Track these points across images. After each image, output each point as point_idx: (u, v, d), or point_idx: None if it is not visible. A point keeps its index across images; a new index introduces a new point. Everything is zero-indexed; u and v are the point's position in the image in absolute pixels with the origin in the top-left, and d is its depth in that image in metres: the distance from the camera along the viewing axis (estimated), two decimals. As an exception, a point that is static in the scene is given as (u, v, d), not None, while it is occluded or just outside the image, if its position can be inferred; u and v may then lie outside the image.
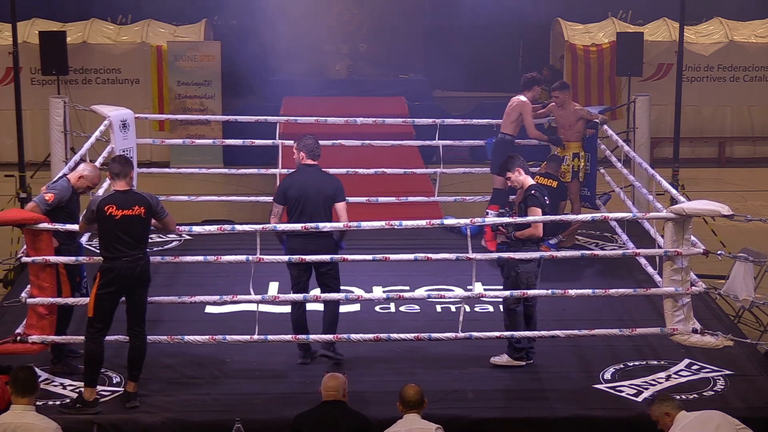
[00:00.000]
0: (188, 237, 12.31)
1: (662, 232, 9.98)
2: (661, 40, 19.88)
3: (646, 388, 8.84)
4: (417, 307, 10.70)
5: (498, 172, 9.76)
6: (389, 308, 10.69)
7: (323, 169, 9.66)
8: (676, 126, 14.14)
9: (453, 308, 10.48)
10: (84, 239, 11.07)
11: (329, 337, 9.30)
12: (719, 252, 9.63)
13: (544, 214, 9.31)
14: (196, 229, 9.51)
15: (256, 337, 9.21)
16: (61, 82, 18.56)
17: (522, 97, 12.28)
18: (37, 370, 8.85)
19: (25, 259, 8.96)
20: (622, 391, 8.81)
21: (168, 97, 19.24)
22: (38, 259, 8.84)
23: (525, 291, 9.21)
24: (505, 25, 20.29)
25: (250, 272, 9.29)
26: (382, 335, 9.27)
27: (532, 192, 9.37)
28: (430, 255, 9.84)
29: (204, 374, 9.17)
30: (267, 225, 9.43)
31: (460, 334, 9.30)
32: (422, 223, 10.18)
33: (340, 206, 9.50)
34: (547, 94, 14.48)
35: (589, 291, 9.58)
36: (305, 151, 9.59)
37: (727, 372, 9.12)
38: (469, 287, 9.75)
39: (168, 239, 12.50)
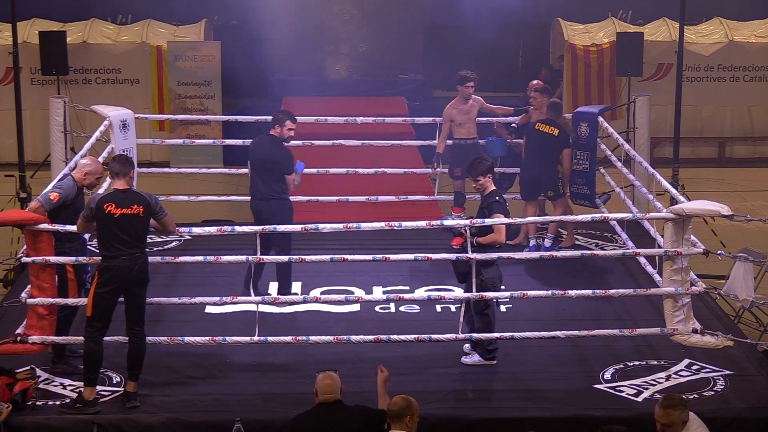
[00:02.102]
0: (188, 237, 12.30)
1: (662, 232, 9.99)
2: (661, 40, 19.89)
3: (646, 388, 8.83)
4: (417, 307, 10.69)
5: (471, 174, 9.65)
6: (389, 308, 10.68)
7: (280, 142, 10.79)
8: (676, 126, 14.15)
9: (453, 308, 10.48)
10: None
11: (329, 338, 9.29)
12: (719, 252, 9.63)
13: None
14: (196, 230, 9.50)
15: (256, 337, 9.21)
16: (61, 82, 18.57)
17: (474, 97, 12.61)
18: (37, 370, 8.90)
19: (25, 259, 8.96)
20: (622, 391, 8.81)
21: (168, 97, 19.25)
22: (38, 259, 8.84)
23: (483, 294, 9.23)
24: (505, 25, 20.30)
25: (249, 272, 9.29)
26: (382, 336, 9.26)
27: (497, 198, 9.36)
28: (430, 255, 9.86)
29: (204, 374, 9.16)
30: (267, 226, 9.43)
31: (460, 335, 9.30)
32: (422, 223, 10.18)
33: (289, 178, 10.73)
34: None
35: (589, 291, 9.58)
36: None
37: (727, 372, 9.11)
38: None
39: (168, 239, 12.49)
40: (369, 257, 9.48)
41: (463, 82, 12.42)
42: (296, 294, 10.54)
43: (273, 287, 10.87)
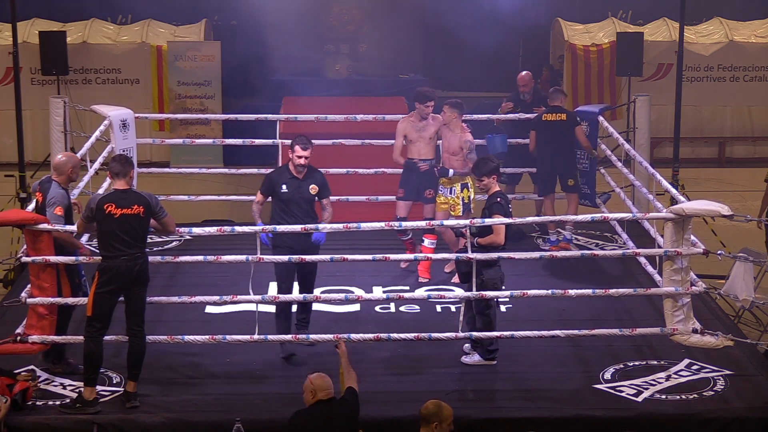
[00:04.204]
0: (188, 237, 12.29)
1: (662, 232, 9.99)
2: (661, 40, 19.89)
3: (646, 388, 8.84)
4: (417, 307, 10.69)
5: (475, 174, 9.62)
6: (389, 308, 10.68)
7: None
8: (676, 126, 14.15)
9: (453, 308, 10.48)
10: (84, 239, 11.09)
11: (329, 336, 9.28)
12: (719, 252, 9.63)
13: (506, 224, 9.26)
14: (196, 230, 9.49)
15: (256, 337, 9.21)
16: (61, 82, 18.57)
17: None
18: (36, 370, 8.90)
19: (25, 259, 8.96)
20: (622, 391, 8.81)
21: (168, 97, 19.26)
22: (38, 259, 8.84)
23: (484, 294, 9.20)
24: (505, 25, 20.32)
25: (249, 272, 9.28)
26: (382, 335, 9.26)
27: (498, 200, 9.35)
28: (429, 255, 9.85)
29: (204, 374, 9.16)
30: (267, 227, 9.42)
31: (460, 334, 9.30)
32: (422, 223, 10.22)
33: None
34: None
35: (589, 291, 9.57)
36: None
37: (727, 372, 9.11)
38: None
39: (168, 239, 12.48)
40: (369, 257, 9.48)
41: (423, 100, 11.36)
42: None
43: (272, 287, 10.87)
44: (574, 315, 10.23)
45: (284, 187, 9.56)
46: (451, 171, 11.09)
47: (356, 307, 10.61)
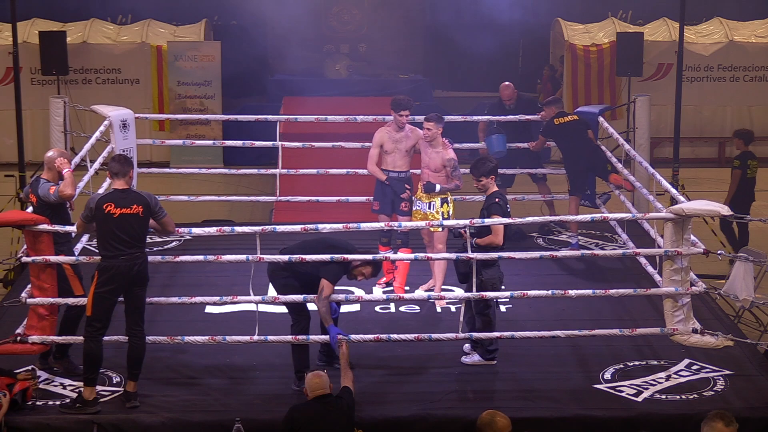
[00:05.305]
0: (188, 237, 12.29)
1: (662, 232, 9.99)
2: (661, 40, 19.90)
3: (646, 388, 8.84)
4: (417, 307, 10.69)
5: (473, 174, 9.54)
6: (389, 308, 10.68)
7: None
8: (676, 126, 14.15)
9: (453, 308, 10.48)
10: (84, 239, 11.09)
11: (328, 337, 9.27)
12: (719, 252, 9.63)
13: (504, 224, 9.23)
14: (196, 230, 9.49)
15: (256, 337, 9.21)
16: (61, 82, 18.58)
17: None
18: (37, 370, 8.89)
19: (25, 259, 8.96)
20: (622, 391, 8.81)
21: (168, 97, 19.26)
22: (38, 260, 8.84)
23: (484, 294, 9.19)
24: (505, 25, 20.33)
25: (249, 272, 9.29)
26: (382, 335, 9.27)
27: (496, 200, 9.34)
28: (430, 255, 9.83)
29: (204, 374, 9.16)
30: (266, 227, 9.41)
31: (460, 334, 9.30)
32: (422, 223, 10.21)
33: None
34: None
35: (589, 291, 9.57)
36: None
37: (727, 372, 9.11)
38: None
39: (168, 239, 12.48)
40: (369, 257, 9.48)
41: (397, 109, 10.88)
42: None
43: (272, 287, 10.87)
44: (574, 315, 10.23)
45: None
46: (438, 186, 10.56)
47: (356, 307, 10.60)
